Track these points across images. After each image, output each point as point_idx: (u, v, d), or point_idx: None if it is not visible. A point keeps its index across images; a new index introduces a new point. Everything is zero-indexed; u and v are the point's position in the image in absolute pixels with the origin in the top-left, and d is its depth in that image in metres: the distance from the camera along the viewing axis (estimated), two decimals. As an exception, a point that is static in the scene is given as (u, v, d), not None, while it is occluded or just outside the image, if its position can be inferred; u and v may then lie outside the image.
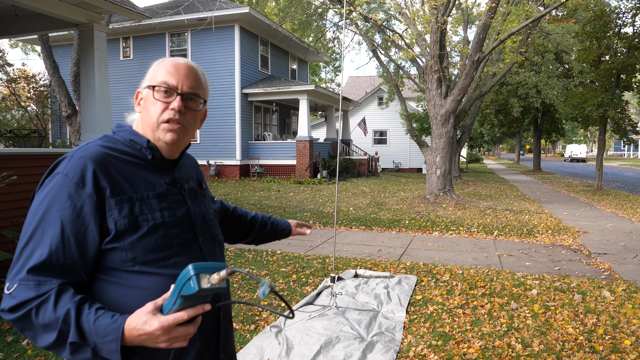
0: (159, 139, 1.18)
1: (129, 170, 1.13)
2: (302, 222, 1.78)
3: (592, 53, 14.96)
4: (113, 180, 1.09)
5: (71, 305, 0.98)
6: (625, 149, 69.78)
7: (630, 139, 16.65)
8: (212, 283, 0.93)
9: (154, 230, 1.10)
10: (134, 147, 1.18)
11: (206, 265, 0.95)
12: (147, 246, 1.09)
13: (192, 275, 0.92)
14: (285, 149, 18.15)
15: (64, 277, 1.03)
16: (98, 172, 1.08)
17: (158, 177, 1.18)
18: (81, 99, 6.58)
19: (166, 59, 1.22)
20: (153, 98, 1.17)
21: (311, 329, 3.58)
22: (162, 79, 1.16)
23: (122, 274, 1.08)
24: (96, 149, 1.11)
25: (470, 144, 48.69)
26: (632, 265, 5.77)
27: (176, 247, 1.14)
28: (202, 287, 0.92)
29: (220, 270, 0.94)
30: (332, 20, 18.68)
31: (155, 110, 1.16)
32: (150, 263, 1.09)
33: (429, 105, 11.79)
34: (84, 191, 1.06)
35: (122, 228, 1.07)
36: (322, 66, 40.77)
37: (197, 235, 1.21)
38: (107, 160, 1.10)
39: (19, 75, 24.28)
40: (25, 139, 20.99)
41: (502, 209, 10.69)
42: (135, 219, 1.09)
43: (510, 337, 3.51)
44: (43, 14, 6.39)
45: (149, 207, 1.12)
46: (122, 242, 1.07)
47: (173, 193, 1.20)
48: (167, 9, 17.47)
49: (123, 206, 1.08)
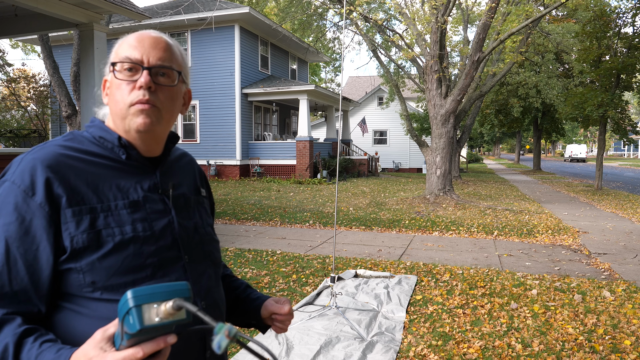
0: (130, 129, 0.96)
1: (94, 175, 0.93)
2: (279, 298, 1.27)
3: (592, 53, 14.96)
4: (71, 187, 0.89)
5: (10, 339, 0.79)
6: (625, 149, 69.78)
7: (630, 139, 16.66)
8: (160, 317, 0.69)
9: (121, 248, 0.90)
10: (104, 146, 0.98)
11: (153, 290, 0.70)
12: (110, 267, 0.88)
13: (131, 308, 0.68)
14: (285, 149, 18.15)
15: (10, 306, 0.84)
16: (51, 176, 0.88)
17: (134, 182, 0.97)
18: (81, 99, 6.58)
19: (132, 34, 1.00)
20: (116, 79, 0.96)
21: (311, 329, 3.58)
22: (123, 54, 0.96)
23: (81, 301, 0.89)
24: (52, 150, 0.92)
25: (470, 144, 48.70)
26: (632, 265, 5.77)
27: (150, 269, 0.93)
28: (145, 324, 0.68)
29: (167, 301, 0.70)
30: (332, 20, 18.69)
31: (120, 94, 0.95)
32: (114, 289, 0.88)
33: (429, 105, 11.79)
34: (34, 200, 0.86)
35: (79, 245, 0.87)
36: (322, 66, 40.76)
37: (182, 253, 0.99)
38: (64, 163, 0.91)
39: (19, 75, 24.30)
40: (25, 139, 21.02)
41: (502, 209, 10.69)
42: (97, 234, 0.89)
43: (510, 337, 3.51)
44: (43, 14, 6.40)
45: (117, 219, 0.92)
46: (79, 263, 0.87)
47: (152, 201, 0.98)
48: (167, 9, 17.46)
49: (82, 218, 0.89)
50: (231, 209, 10.28)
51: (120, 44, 0.99)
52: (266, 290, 4.63)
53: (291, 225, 8.53)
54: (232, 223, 8.72)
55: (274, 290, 4.64)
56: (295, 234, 7.66)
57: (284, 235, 7.57)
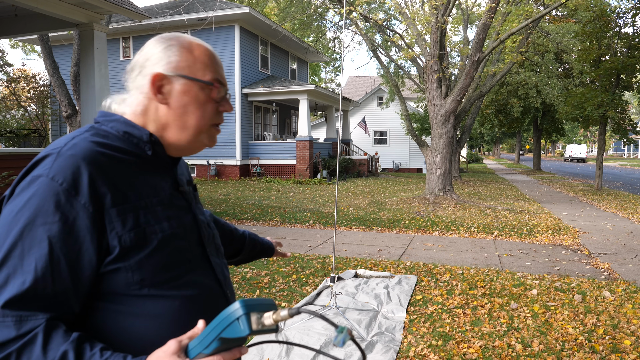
0: (201, 142, 1.01)
1: (128, 172, 0.93)
2: (278, 240, 1.64)
3: (592, 53, 14.96)
4: (114, 185, 0.88)
5: (68, 346, 0.78)
6: (625, 149, 69.79)
7: (630, 139, 16.66)
8: (263, 324, 0.77)
9: (164, 244, 0.92)
10: (130, 141, 0.96)
11: (256, 302, 0.79)
12: (157, 264, 0.91)
13: (242, 315, 0.76)
14: (285, 149, 18.15)
15: (53, 310, 0.82)
16: (95, 175, 0.86)
17: (159, 179, 0.98)
18: (81, 99, 6.58)
19: (190, 41, 0.99)
20: (206, 96, 0.97)
21: (311, 329, 3.58)
22: (213, 75, 0.98)
23: (126, 300, 0.89)
24: (88, 146, 0.89)
25: (470, 144, 48.71)
26: (632, 265, 5.77)
27: (187, 263, 0.96)
28: (253, 329, 0.76)
29: (275, 310, 0.79)
30: (332, 20, 18.67)
31: (207, 112, 0.98)
32: (160, 284, 0.91)
33: (429, 105, 11.79)
34: (78, 200, 0.84)
35: (127, 244, 0.88)
36: (322, 66, 40.77)
37: (206, 247, 1.03)
38: (103, 161, 0.89)
39: (19, 75, 24.30)
40: (25, 139, 21.01)
41: (502, 209, 10.69)
42: (143, 232, 0.90)
43: (510, 337, 3.51)
44: (43, 14, 6.40)
45: (154, 216, 0.93)
46: (128, 261, 0.88)
47: (177, 198, 1.00)
48: (167, 9, 17.47)
49: (127, 217, 0.89)
50: (231, 209, 10.28)
51: (191, 53, 0.97)
52: (266, 290, 4.64)
53: (291, 225, 8.53)
54: (232, 223, 8.71)
55: (274, 290, 4.64)
56: (295, 234, 7.66)
57: (284, 235, 7.57)
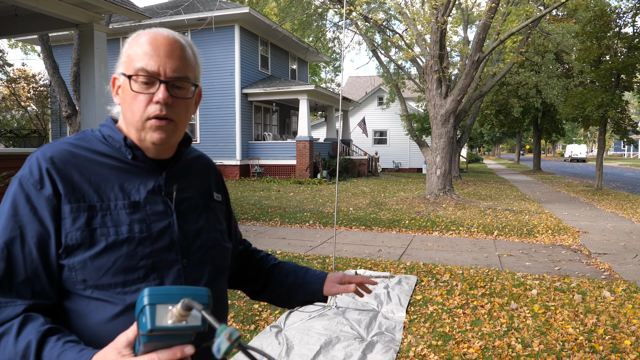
0: (145, 140, 0.96)
1: (99, 174, 0.94)
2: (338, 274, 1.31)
3: (592, 53, 14.97)
4: (72, 184, 0.91)
5: (33, 336, 0.80)
6: (625, 149, 69.78)
7: (630, 139, 16.68)
8: (173, 320, 0.67)
9: (114, 248, 0.90)
10: (112, 145, 0.98)
11: (170, 290, 0.68)
12: (101, 267, 0.88)
13: (145, 305, 0.66)
14: (285, 149, 18.15)
15: (30, 296, 0.85)
16: (53, 172, 0.90)
17: (138, 183, 0.97)
18: (81, 99, 6.58)
19: (142, 33, 0.97)
20: (131, 91, 0.93)
21: (311, 329, 3.58)
22: (139, 65, 0.92)
23: (75, 298, 0.90)
24: (59, 147, 0.94)
25: (470, 144, 48.69)
26: (632, 265, 5.77)
27: (143, 270, 0.91)
28: (156, 324, 0.66)
29: (177, 303, 0.67)
30: (332, 20, 18.70)
31: (137, 105, 0.93)
32: (104, 288, 0.89)
33: (429, 105, 11.79)
34: (43, 193, 0.89)
35: (72, 242, 0.88)
36: (322, 66, 40.77)
37: (180, 257, 0.97)
38: (69, 160, 0.93)
39: (19, 75, 24.29)
40: (25, 139, 21.00)
41: (502, 209, 10.69)
42: (91, 233, 0.89)
43: (510, 337, 3.51)
44: (43, 14, 6.40)
45: (115, 219, 0.92)
46: (72, 260, 0.88)
47: (154, 202, 0.97)
48: (167, 9, 17.47)
49: (79, 215, 0.89)
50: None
51: (132, 46, 0.95)
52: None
53: (291, 225, 8.53)
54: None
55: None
56: (295, 234, 7.66)
57: (284, 235, 7.57)
